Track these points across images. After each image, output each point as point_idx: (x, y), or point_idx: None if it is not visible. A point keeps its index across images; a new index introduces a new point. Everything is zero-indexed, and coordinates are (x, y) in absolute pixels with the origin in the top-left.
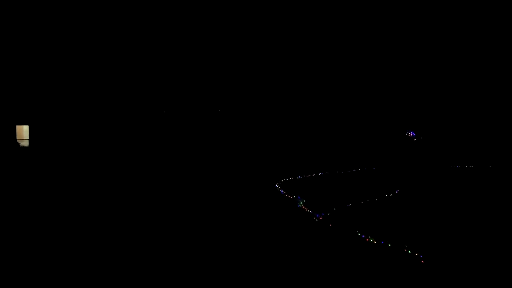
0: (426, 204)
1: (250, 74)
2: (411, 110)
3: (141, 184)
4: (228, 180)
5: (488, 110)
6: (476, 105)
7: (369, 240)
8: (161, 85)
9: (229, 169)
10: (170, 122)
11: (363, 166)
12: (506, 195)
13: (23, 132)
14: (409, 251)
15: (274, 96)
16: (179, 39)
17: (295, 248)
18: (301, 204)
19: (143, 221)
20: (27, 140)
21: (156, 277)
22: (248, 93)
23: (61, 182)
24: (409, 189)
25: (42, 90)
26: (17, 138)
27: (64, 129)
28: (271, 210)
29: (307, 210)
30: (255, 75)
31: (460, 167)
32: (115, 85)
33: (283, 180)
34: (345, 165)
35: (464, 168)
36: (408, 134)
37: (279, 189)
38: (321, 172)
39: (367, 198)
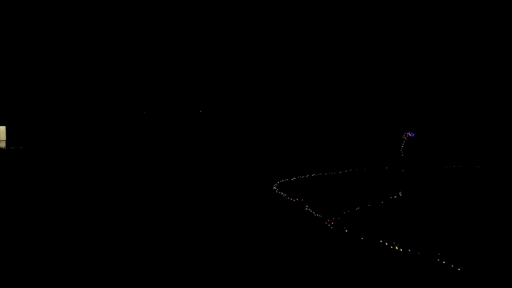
0: (434, 205)
1: (246, 74)
2: (411, 110)
3: (126, 187)
4: (223, 181)
5: (489, 110)
6: (477, 105)
7: (395, 248)
8: (144, 82)
9: (223, 169)
10: (158, 122)
11: (362, 166)
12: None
13: (0, 133)
14: (443, 261)
15: (269, 95)
16: (166, 37)
17: (308, 256)
18: (307, 208)
19: (130, 228)
20: (4, 142)
21: (152, 279)
22: (243, 92)
23: (39, 184)
24: (412, 190)
25: (19, 89)
26: None
27: (43, 130)
28: (274, 214)
29: (316, 214)
30: (250, 75)
31: (462, 167)
32: (96, 85)
33: (281, 182)
34: (343, 165)
35: (466, 168)
36: (407, 134)
37: (277, 191)
38: (319, 172)
39: (371, 200)
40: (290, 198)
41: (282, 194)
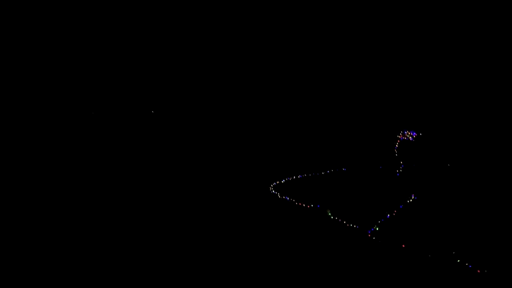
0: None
1: (241, 74)
2: (410, 110)
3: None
4: (218, 183)
5: (488, 110)
6: (477, 106)
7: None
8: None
9: (218, 170)
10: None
11: (360, 167)
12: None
13: None
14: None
15: (262, 95)
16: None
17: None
18: (329, 214)
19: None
20: None
21: (146, 281)
22: (235, 93)
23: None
24: (422, 192)
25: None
26: None
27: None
28: (275, 218)
29: (341, 221)
30: (246, 75)
31: (464, 168)
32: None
33: (279, 182)
34: (339, 166)
35: (469, 168)
36: (406, 133)
37: (275, 192)
38: (315, 172)
39: (379, 203)
40: (294, 201)
41: (282, 196)
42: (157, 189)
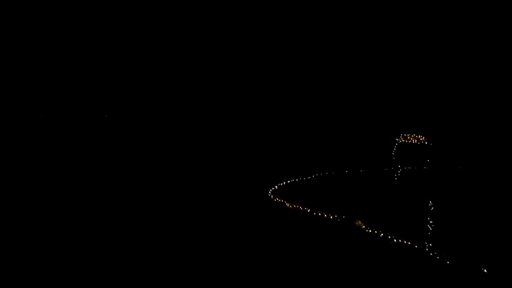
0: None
1: (237, 77)
2: (410, 112)
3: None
4: (214, 188)
5: (489, 111)
6: (478, 106)
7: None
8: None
9: (213, 174)
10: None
11: (357, 169)
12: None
13: None
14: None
15: (258, 100)
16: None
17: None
18: (359, 223)
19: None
20: None
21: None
22: (233, 96)
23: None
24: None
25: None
26: None
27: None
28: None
29: (369, 230)
30: (243, 78)
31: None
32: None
33: (276, 187)
34: (335, 168)
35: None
36: (405, 136)
37: (273, 197)
38: (313, 174)
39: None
40: (309, 210)
41: (282, 201)
42: (157, 189)
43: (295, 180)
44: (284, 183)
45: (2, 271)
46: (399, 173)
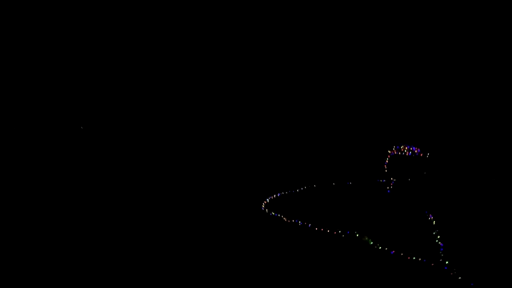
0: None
1: (233, 76)
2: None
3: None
4: (218, 185)
5: (489, 112)
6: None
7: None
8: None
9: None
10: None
11: (355, 178)
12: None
13: None
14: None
15: (250, 106)
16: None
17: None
18: (367, 239)
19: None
20: None
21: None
22: (225, 102)
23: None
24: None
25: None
26: None
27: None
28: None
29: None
30: (237, 78)
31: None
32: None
33: (270, 199)
34: (332, 177)
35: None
36: (403, 148)
37: (268, 211)
38: (306, 185)
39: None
40: (308, 224)
41: (279, 216)
42: (157, 189)
43: (285, 192)
44: (275, 196)
45: (2, 271)
46: (391, 185)
